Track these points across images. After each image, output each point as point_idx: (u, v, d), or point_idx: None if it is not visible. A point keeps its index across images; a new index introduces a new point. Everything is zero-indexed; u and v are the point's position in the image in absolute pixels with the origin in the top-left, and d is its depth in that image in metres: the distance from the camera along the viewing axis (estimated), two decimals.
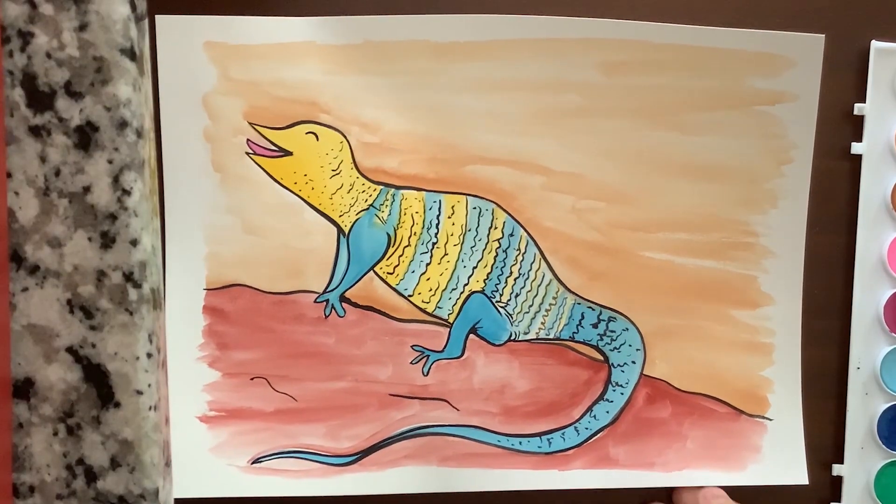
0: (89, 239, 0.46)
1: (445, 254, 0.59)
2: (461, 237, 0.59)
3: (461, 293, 0.60)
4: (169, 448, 0.50)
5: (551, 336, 0.61)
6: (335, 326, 0.59)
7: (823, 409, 0.64)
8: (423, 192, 0.59)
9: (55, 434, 0.47)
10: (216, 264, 0.59)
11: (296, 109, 0.58)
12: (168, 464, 0.50)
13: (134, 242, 0.46)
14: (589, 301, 0.61)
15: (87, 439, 0.47)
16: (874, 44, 0.60)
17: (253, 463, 0.60)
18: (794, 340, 0.62)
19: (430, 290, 0.60)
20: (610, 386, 0.62)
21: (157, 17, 0.56)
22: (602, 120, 0.59)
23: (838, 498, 0.64)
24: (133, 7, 0.45)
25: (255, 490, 0.60)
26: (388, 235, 0.59)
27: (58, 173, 0.45)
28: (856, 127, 0.61)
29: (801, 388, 0.63)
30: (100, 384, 0.46)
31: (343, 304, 0.59)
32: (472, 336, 0.60)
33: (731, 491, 0.62)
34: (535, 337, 0.61)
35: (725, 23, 0.59)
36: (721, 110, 0.59)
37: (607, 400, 0.62)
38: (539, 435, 0.62)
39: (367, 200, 0.59)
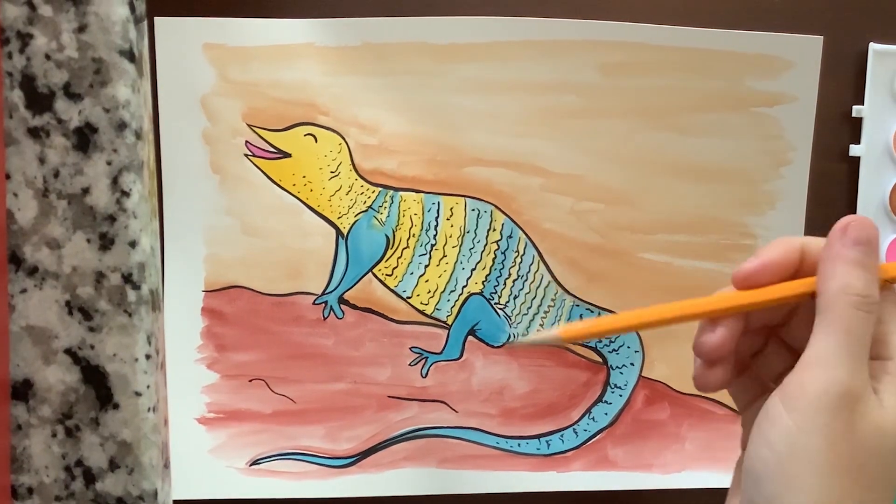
0: (88, 240, 0.46)
1: (444, 255, 0.60)
2: (460, 239, 0.59)
3: (460, 295, 0.60)
4: (168, 449, 0.50)
5: None
6: (334, 328, 0.59)
7: None
8: (422, 194, 0.59)
9: (54, 435, 0.47)
10: (215, 266, 0.59)
11: (294, 111, 0.58)
12: (167, 465, 0.50)
13: (133, 244, 0.46)
14: (588, 303, 0.61)
15: (85, 441, 0.47)
16: (872, 46, 0.60)
17: (252, 464, 0.60)
18: None
19: (429, 291, 0.60)
20: (609, 388, 0.62)
21: (155, 18, 0.56)
22: (601, 121, 0.59)
23: None
24: (132, 9, 0.45)
25: (253, 491, 0.60)
26: (387, 237, 0.59)
27: (57, 175, 0.45)
28: (854, 129, 0.61)
29: None
30: (98, 385, 0.46)
31: (342, 305, 0.59)
32: (470, 338, 0.60)
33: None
34: None
35: (724, 24, 0.59)
36: (719, 112, 0.60)
37: (606, 402, 0.62)
38: (538, 437, 0.62)
39: (365, 202, 0.59)
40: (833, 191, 0.62)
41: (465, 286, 0.60)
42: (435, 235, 0.59)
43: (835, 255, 0.35)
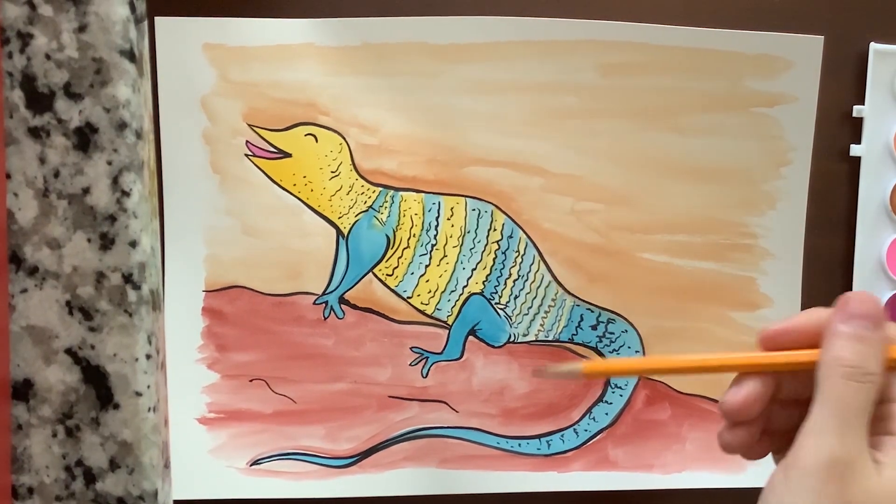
0: (88, 240, 0.46)
1: (444, 255, 0.60)
2: (460, 239, 0.59)
3: (460, 295, 0.60)
4: (168, 449, 0.50)
5: (550, 338, 0.61)
6: (334, 328, 0.59)
7: None
8: (423, 194, 0.59)
9: (54, 435, 0.47)
10: (215, 266, 0.59)
11: (295, 111, 0.58)
12: (167, 465, 0.50)
13: (133, 244, 0.46)
14: (588, 303, 0.61)
15: (86, 441, 0.47)
16: (873, 46, 0.60)
17: (252, 465, 0.60)
18: None
19: (430, 291, 0.60)
20: (609, 388, 0.62)
21: (156, 18, 0.56)
22: (600, 121, 0.59)
23: None
24: (132, 9, 0.45)
25: (254, 492, 0.60)
26: (387, 237, 0.59)
27: (57, 174, 0.45)
28: (854, 129, 0.61)
29: None
30: (99, 385, 0.46)
31: (342, 305, 0.59)
32: (471, 338, 0.60)
33: (729, 493, 0.62)
34: (534, 339, 0.61)
35: (724, 25, 0.59)
36: (720, 112, 0.60)
37: (606, 402, 0.62)
38: (538, 437, 0.62)
39: (366, 202, 0.59)
40: (833, 191, 0.62)
41: (465, 286, 0.60)
42: (435, 235, 0.59)
43: (832, 330, 0.37)
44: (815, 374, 0.36)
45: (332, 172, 0.58)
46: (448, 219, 0.59)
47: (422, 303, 0.60)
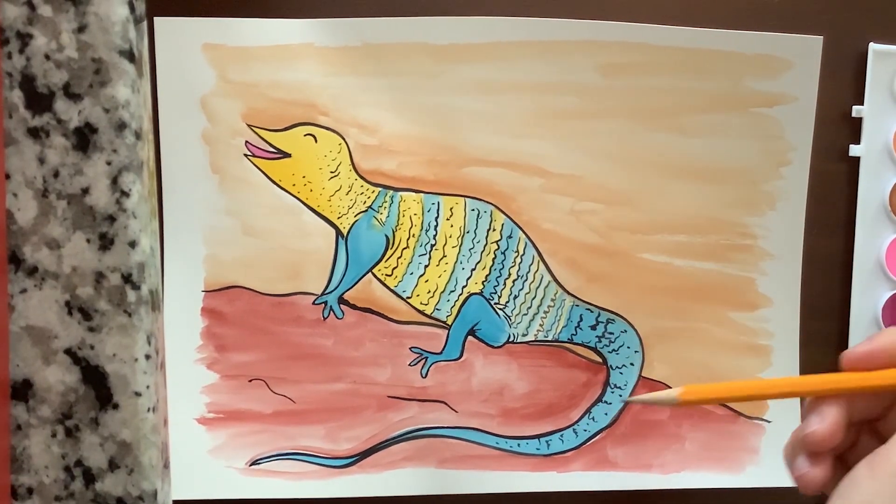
0: (88, 240, 0.46)
1: (444, 256, 0.59)
2: (459, 239, 0.59)
3: (459, 295, 0.60)
4: (167, 450, 0.50)
5: (550, 338, 0.61)
6: (333, 328, 0.59)
7: None
8: (422, 194, 0.59)
9: (53, 435, 0.47)
10: (215, 266, 0.59)
11: (294, 111, 0.58)
12: (166, 465, 0.50)
13: (132, 244, 0.46)
14: (587, 303, 0.61)
15: (85, 441, 0.47)
16: (872, 46, 0.60)
17: (251, 465, 0.60)
18: (793, 342, 0.62)
19: (429, 291, 0.60)
20: (608, 388, 0.62)
21: (155, 18, 0.56)
22: (601, 122, 0.59)
23: None
24: (132, 9, 0.45)
25: (253, 492, 0.60)
26: (387, 237, 0.59)
27: (56, 175, 0.45)
28: (854, 129, 0.61)
29: None
30: (98, 386, 0.46)
31: (341, 305, 0.59)
32: (470, 338, 0.60)
33: (728, 493, 0.62)
34: (533, 339, 0.61)
35: (724, 25, 0.59)
36: (719, 112, 0.60)
37: (605, 402, 0.62)
38: (538, 437, 0.62)
39: (365, 202, 0.59)
40: (833, 191, 0.62)
41: (464, 286, 0.60)
42: (435, 235, 0.59)
43: None
44: None
45: (332, 172, 0.58)
46: (447, 219, 0.59)
47: (421, 303, 0.60)
